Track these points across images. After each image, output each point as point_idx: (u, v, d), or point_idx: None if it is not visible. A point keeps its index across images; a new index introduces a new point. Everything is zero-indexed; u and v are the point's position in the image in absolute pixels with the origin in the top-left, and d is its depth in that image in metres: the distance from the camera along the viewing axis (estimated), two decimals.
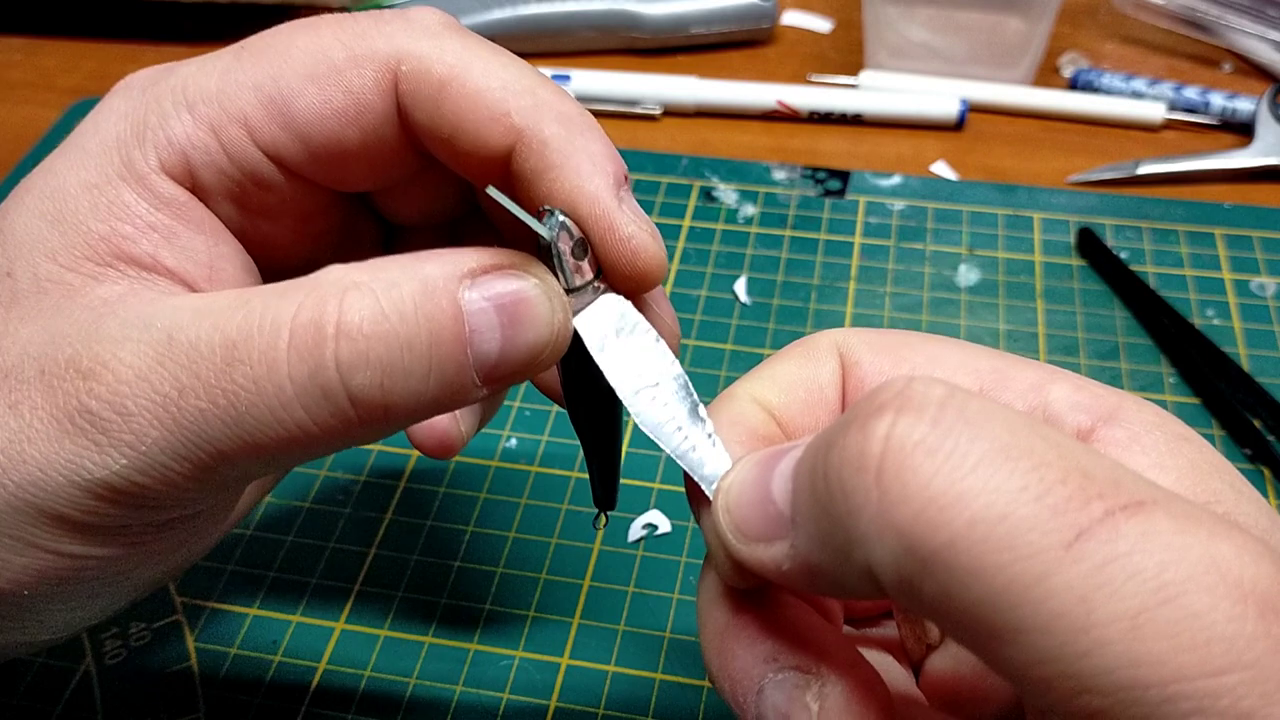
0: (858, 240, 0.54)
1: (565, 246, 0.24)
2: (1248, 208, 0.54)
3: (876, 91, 0.62)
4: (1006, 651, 0.16)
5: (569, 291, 0.24)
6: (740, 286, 0.51)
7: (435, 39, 0.25)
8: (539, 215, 0.24)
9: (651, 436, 0.24)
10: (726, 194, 0.57)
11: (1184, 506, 0.16)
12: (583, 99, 0.62)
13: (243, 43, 0.26)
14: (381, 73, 0.25)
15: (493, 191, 0.23)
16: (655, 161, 0.58)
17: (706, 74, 0.63)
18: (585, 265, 0.24)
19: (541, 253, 0.24)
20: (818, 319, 0.50)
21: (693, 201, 0.56)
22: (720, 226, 0.55)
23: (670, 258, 0.53)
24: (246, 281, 0.27)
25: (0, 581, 0.23)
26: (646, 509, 0.42)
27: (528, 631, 0.39)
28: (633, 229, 0.24)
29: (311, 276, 0.22)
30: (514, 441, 0.45)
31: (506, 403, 0.46)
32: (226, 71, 0.25)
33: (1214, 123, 0.60)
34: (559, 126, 0.24)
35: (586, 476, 0.43)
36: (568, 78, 0.62)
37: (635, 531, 0.42)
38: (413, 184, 0.29)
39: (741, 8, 0.66)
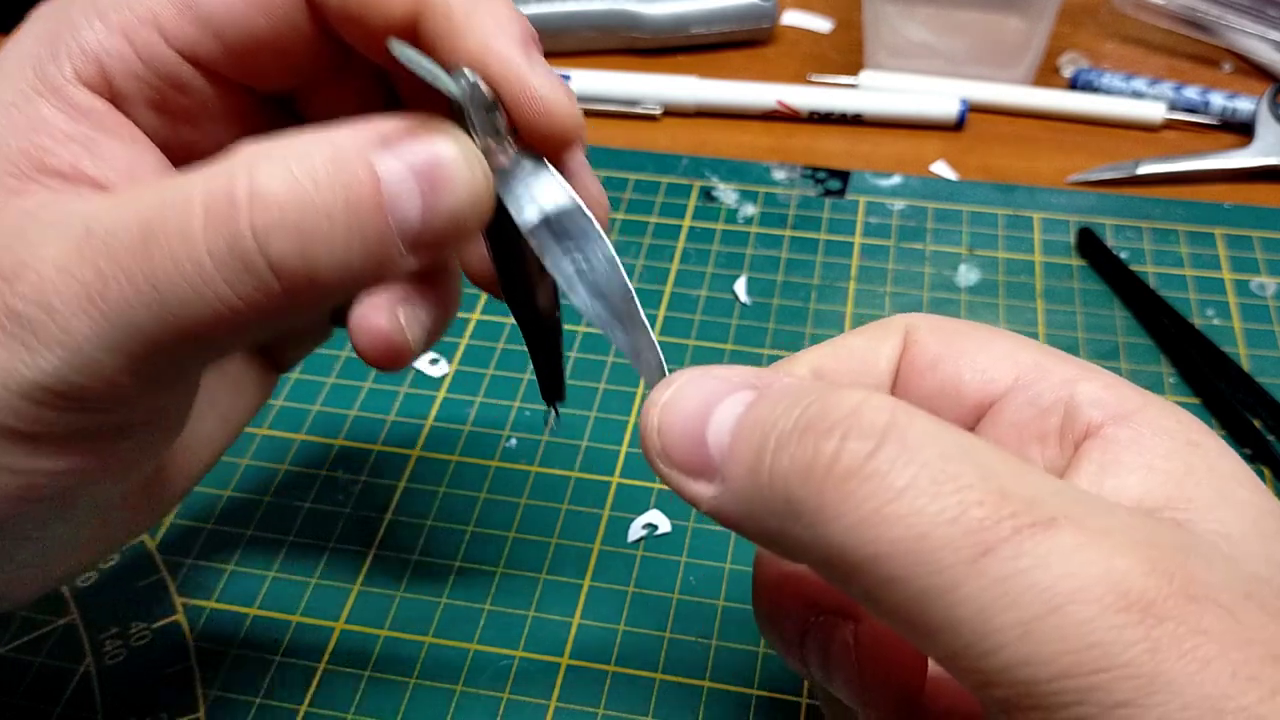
0: (858, 240, 0.54)
1: (476, 104, 0.23)
2: (1248, 208, 0.54)
3: (876, 91, 0.62)
4: (924, 644, 0.19)
5: (485, 154, 0.24)
6: (740, 286, 0.51)
7: None
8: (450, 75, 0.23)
9: (587, 317, 0.24)
10: (726, 194, 0.57)
11: (1098, 522, 0.19)
12: (583, 99, 0.62)
13: None
14: None
15: (395, 44, 0.22)
16: (655, 161, 0.58)
17: (706, 74, 0.63)
18: (499, 126, 0.24)
19: (454, 115, 0.23)
20: (818, 319, 0.50)
21: (693, 201, 0.56)
22: (720, 226, 0.55)
23: (670, 258, 0.53)
24: None
25: None
26: (646, 509, 0.42)
27: (528, 631, 0.39)
28: (545, 85, 0.24)
29: (222, 154, 0.22)
30: (514, 441, 0.45)
31: (506, 403, 0.46)
32: None
33: (1214, 123, 0.60)
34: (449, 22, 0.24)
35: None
36: (568, 77, 0.62)
37: (635, 531, 0.42)
38: (333, 85, 0.28)
39: (741, 8, 0.66)
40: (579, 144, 0.26)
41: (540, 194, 0.25)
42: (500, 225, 0.25)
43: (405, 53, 0.22)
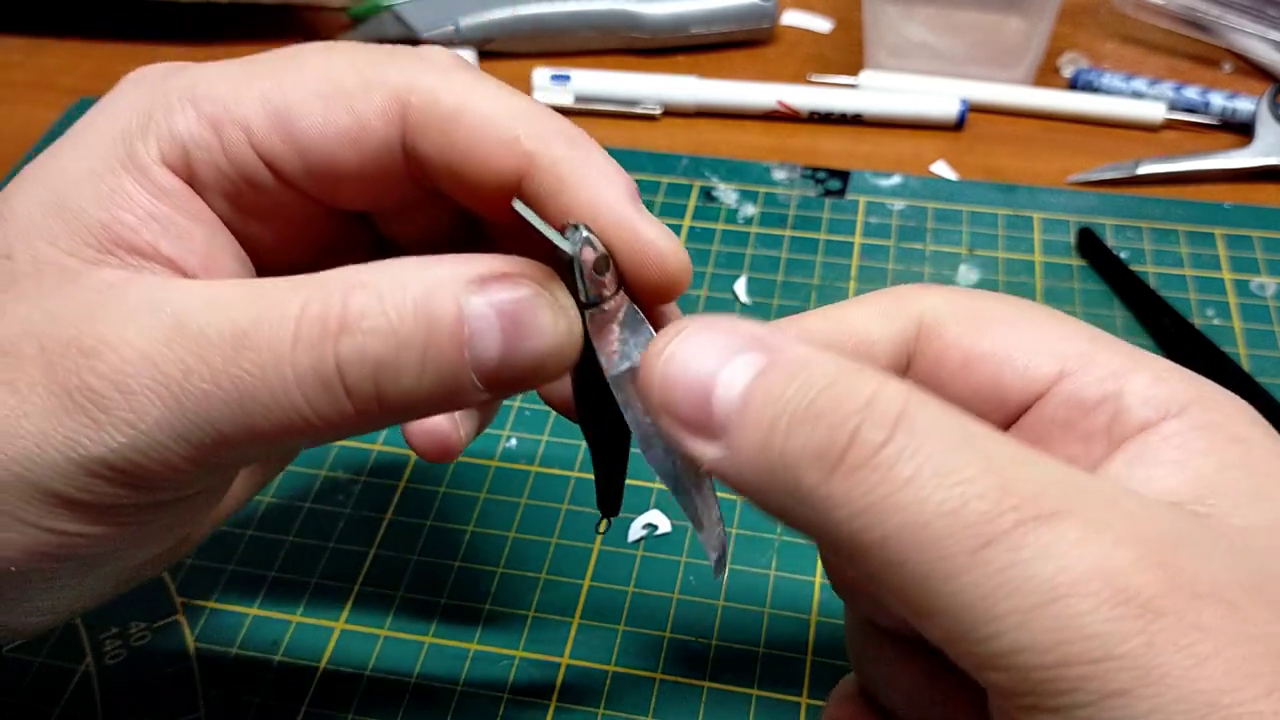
0: (858, 240, 0.54)
1: (588, 260, 0.24)
2: (1248, 207, 0.54)
3: (876, 91, 0.62)
4: (925, 625, 0.19)
5: (587, 305, 0.24)
6: (740, 286, 0.51)
7: (444, 73, 0.25)
8: (561, 230, 0.24)
9: (656, 474, 0.24)
10: (726, 194, 0.57)
11: (1102, 515, 0.19)
12: (583, 99, 0.62)
13: (256, 55, 0.26)
14: (390, 101, 0.25)
15: (518, 205, 0.23)
16: (655, 161, 0.58)
17: (706, 74, 0.63)
18: (607, 280, 0.24)
19: (564, 268, 0.24)
20: None
21: (693, 201, 0.56)
22: (720, 226, 0.55)
23: None
24: (241, 274, 0.27)
25: None
26: (646, 509, 0.42)
27: (528, 631, 0.39)
28: (656, 234, 0.25)
29: (322, 273, 0.23)
30: (514, 441, 0.45)
31: (506, 403, 0.46)
32: (237, 78, 0.25)
33: (1214, 123, 0.60)
34: (568, 147, 0.25)
35: (589, 477, 0.43)
36: (567, 78, 0.62)
37: (635, 532, 0.42)
38: (408, 209, 0.29)
39: (741, 8, 0.66)
40: (682, 291, 0.26)
41: (634, 349, 0.25)
42: (587, 362, 0.25)
43: (528, 214, 0.23)
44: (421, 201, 0.28)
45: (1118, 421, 0.23)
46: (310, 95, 0.25)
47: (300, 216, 0.27)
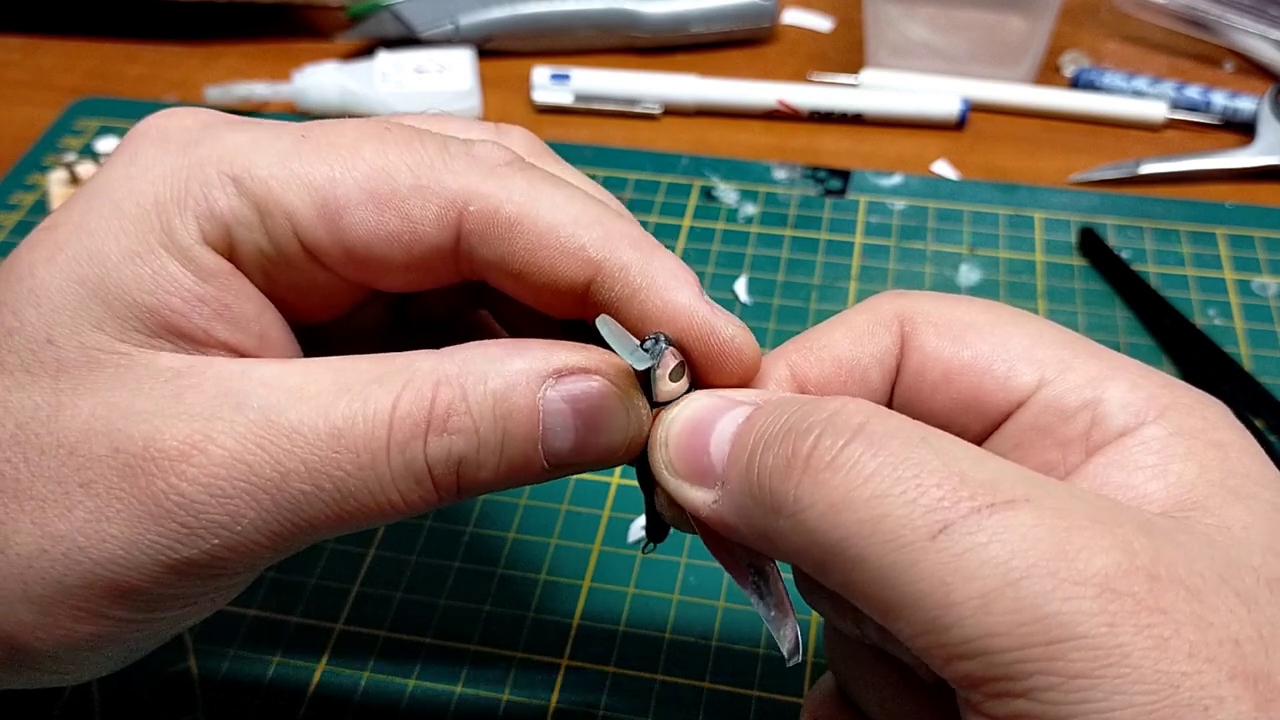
0: (858, 240, 0.54)
1: (665, 370, 0.24)
2: (1249, 207, 0.54)
3: (877, 90, 0.62)
4: (897, 625, 0.19)
5: (654, 405, 0.25)
6: (740, 286, 0.51)
7: (502, 179, 0.25)
8: (642, 340, 0.24)
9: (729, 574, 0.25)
10: (727, 193, 0.56)
11: (1060, 504, 0.19)
12: (582, 98, 0.62)
13: (304, 130, 0.25)
14: (446, 209, 0.25)
15: (604, 324, 0.24)
16: (655, 161, 0.58)
17: (707, 73, 0.63)
18: (682, 383, 0.25)
19: (639, 374, 0.25)
20: (818, 319, 0.49)
21: (693, 201, 0.56)
22: (721, 226, 0.55)
23: None
24: (292, 348, 0.27)
25: (53, 646, 0.24)
26: None
27: (528, 631, 0.38)
28: (733, 330, 0.25)
29: (405, 364, 0.23)
30: None
31: None
32: (282, 158, 0.24)
33: (1215, 122, 0.60)
34: (634, 251, 0.25)
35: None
36: (567, 77, 0.62)
37: (635, 532, 0.41)
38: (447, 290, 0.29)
39: (742, 6, 0.66)
40: (753, 377, 0.26)
41: None
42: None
43: (612, 333, 0.24)
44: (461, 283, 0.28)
45: (1096, 428, 0.23)
46: (361, 193, 0.24)
47: (330, 289, 0.27)
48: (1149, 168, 0.56)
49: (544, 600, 0.39)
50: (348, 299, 0.28)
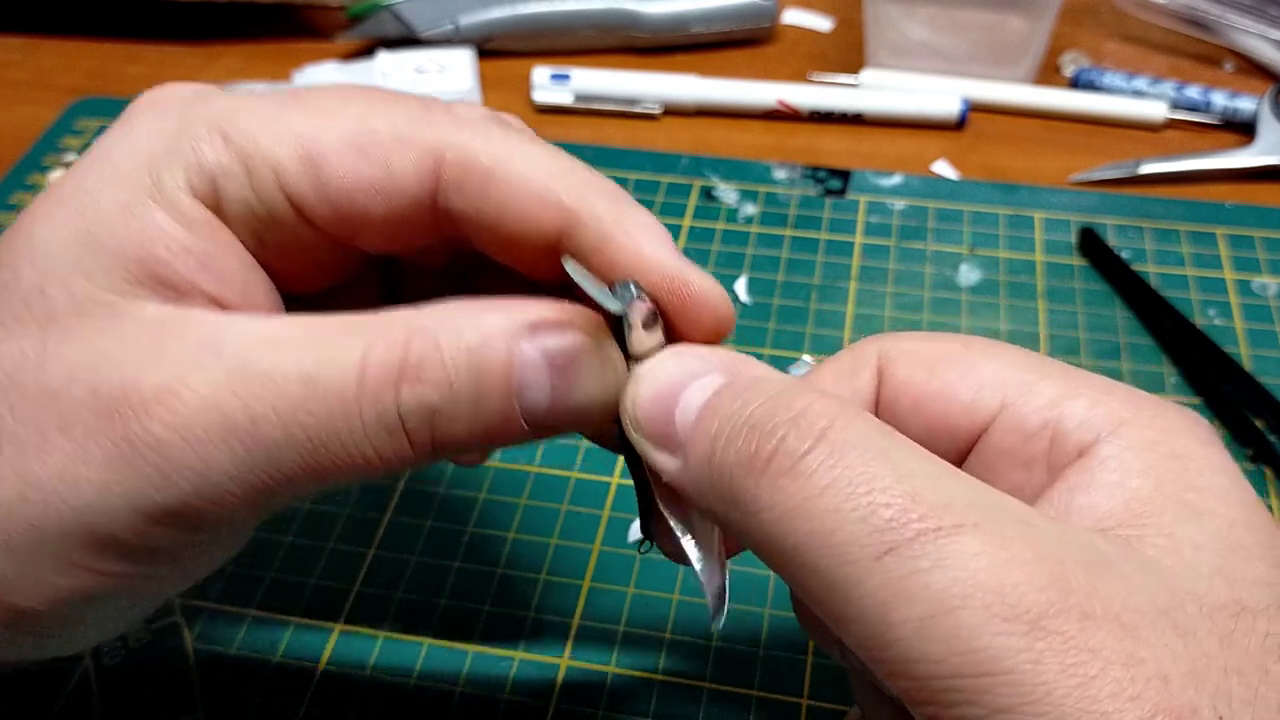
0: (858, 240, 0.54)
1: (638, 317, 0.24)
2: (1249, 207, 0.54)
3: (877, 90, 0.62)
4: (842, 632, 0.20)
5: (631, 359, 0.25)
6: (741, 286, 0.51)
7: (480, 131, 0.26)
8: (610, 286, 0.24)
9: (670, 518, 0.25)
10: (727, 193, 0.56)
11: (1006, 532, 0.19)
12: (582, 98, 0.62)
13: (293, 92, 0.26)
14: (424, 156, 0.25)
15: (569, 263, 0.24)
16: (655, 161, 0.58)
17: (707, 73, 0.63)
18: (656, 334, 0.25)
19: (611, 318, 0.24)
20: (818, 319, 0.50)
21: (693, 201, 0.56)
22: (720, 226, 0.55)
23: None
24: (275, 305, 0.27)
25: (38, 602, 0.23)
26: None
27: (528, 631, 0.38)
28: (706, 283, 0.25)
29: (379, 315, 0.24)
30: None
31: None
32: (270, 115, 0.25)
33: (1216, 122, 0.60)
34: (608, 201, 0.25)
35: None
36: (567, 77, 0.62)
37: (635, 532, 0.41)
38: (428, 252, 0.29)
39: (742, 6, 0.66)
40: (729, 333, 0.26)
41: None
42: None
43: (578, 272, 0.24)
44: (442, 246, 0.28)
45: (1056, 447, 0.23)
46: (343, 143, 0.25)
47: (317, 251, 0.27)
48: (1149, 168, 0.56)
49: (544, 600, 0.39)
50: (335, 265, 0.28)
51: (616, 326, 0.24)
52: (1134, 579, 0.20)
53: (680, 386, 0.23)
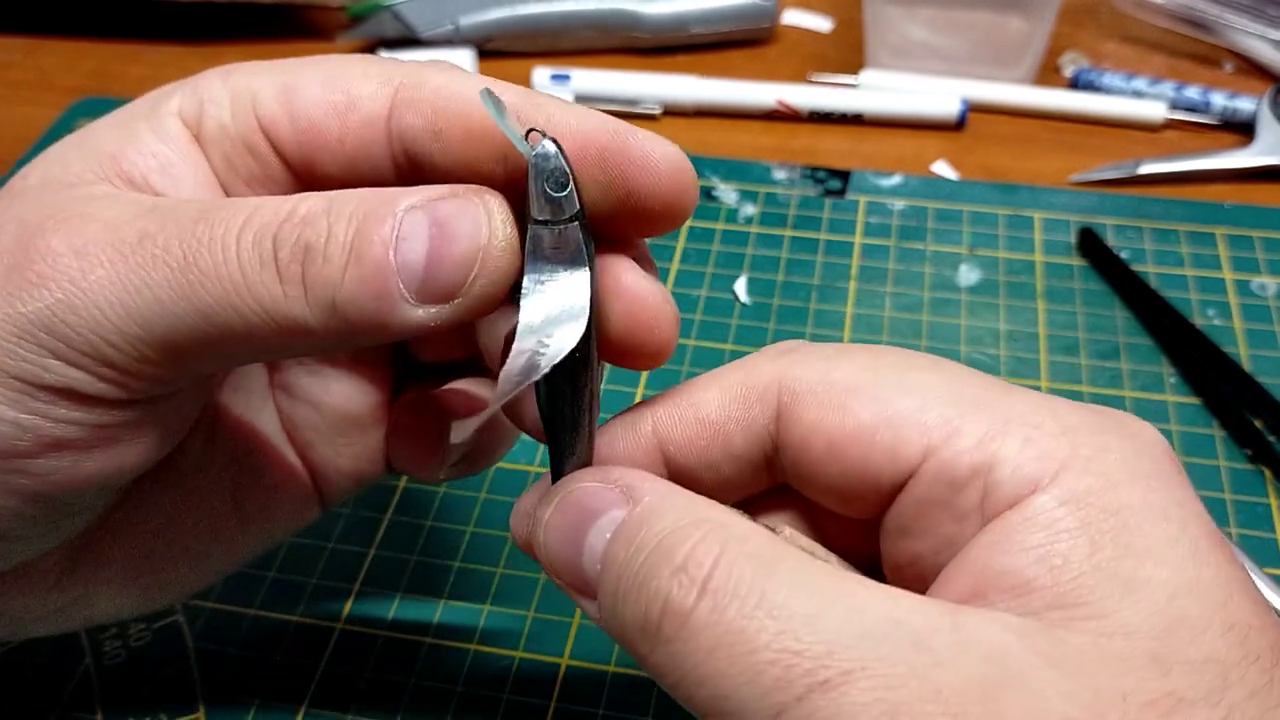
0: (858, 240, 0.54)
1: (544, 169, 0.23)
2: (1248, 207, 0.54)
3: (877, 91, 0.62)
4: None
5: (537, 223, 0.23)
6: (740, 286, 0.51)
7: (437, 69, 0.27)
8: (526, 136, 0.23)
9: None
10: (727, 194, 0.56)
11: (893, 671, 0.19)
12: (583, 99, 0.62)
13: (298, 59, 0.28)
14: (382, 85, 0.26)
15: (485, 94, 0.23)
16: None
17: (706, 73, 0.63)
18: (564, 198, 0.23)
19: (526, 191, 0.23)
20: (818, 319, 0.50)
21: None
22: (720, 226, 0.55)
23: (670, 257, 0.53)
24: None
25: None
26: None
27: (528, 631, 0.39)
28: (654, 146, 0.24)
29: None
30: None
31: None
32: (269, 67, 0.27)
33: (1215, 122, 0.60)
34: (557, 104, 0.25)
35: None
36: (567, 77, 0.62)
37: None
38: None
39: (742, 7, 0.66)
40: (680, 211, 0.25)
41: (562, 280, 0.23)
42: (556, 375, 0.23)
43: (495, 107, 0.23)
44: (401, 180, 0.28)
45: (989, 498, 0.22)
46: (315, 78, 0.27)
47: (286, 187, 0.28)
48: (1148, 168, 0.56)
49: (544, 600, 0.39)
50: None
51: (523, 185, 0.23)
52: (1046, 692, 0.19)
53: (581, 531, 0.23)
